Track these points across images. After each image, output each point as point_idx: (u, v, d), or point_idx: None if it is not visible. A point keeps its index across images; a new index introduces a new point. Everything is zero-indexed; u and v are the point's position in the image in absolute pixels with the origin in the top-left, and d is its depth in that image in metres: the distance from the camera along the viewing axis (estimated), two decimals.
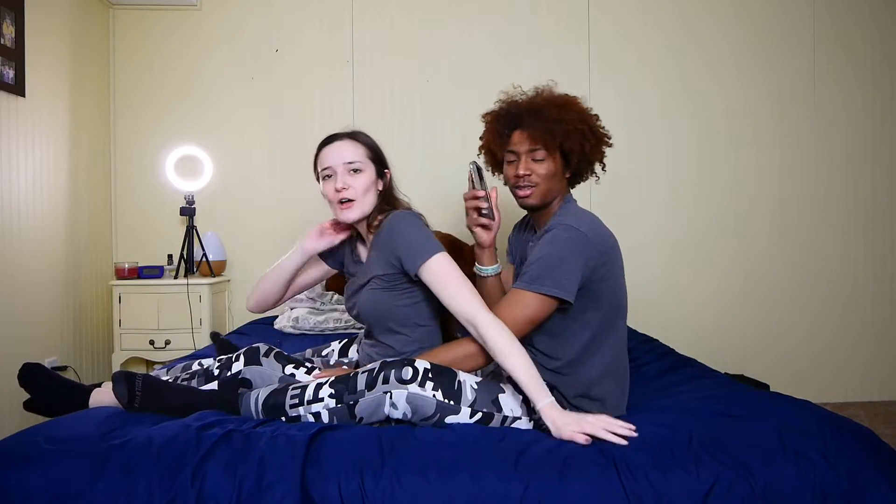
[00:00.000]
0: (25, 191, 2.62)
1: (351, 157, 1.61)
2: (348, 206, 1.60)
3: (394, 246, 1.55)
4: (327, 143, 1.66)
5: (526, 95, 1.71)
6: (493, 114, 1.74)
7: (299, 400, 1.41)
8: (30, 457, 1.24)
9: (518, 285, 1.50)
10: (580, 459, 1.21)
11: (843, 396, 3.29)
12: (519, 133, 1.63)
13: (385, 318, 1.62)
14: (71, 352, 2.93)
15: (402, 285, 1.59)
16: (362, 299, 1.63)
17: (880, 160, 3.33)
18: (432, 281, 1.50)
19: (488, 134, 1.73)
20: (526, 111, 1.64)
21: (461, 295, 1.47)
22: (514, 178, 1.64)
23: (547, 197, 1.64)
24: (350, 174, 1.61)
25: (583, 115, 1.63)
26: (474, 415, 1.41)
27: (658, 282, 3.30)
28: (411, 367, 1.38)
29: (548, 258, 1.48)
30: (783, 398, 1.58)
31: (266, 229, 3.35)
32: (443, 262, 1.51)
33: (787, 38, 3.32)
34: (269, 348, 1.68)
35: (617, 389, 1.59)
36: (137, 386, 1.46)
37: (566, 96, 1.66)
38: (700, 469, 1.18)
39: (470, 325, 1.44)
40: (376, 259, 1.60)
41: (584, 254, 1.49)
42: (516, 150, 1.63)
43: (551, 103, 1.62)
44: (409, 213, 1.62)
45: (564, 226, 1.52)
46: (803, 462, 1.19)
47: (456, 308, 1.47)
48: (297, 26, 3.33)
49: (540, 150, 1.60)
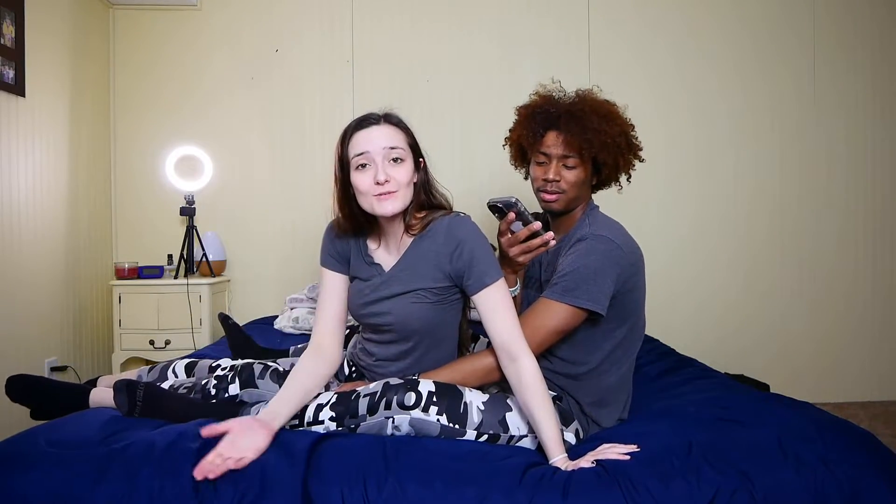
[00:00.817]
0: (25, 191, 2.62)
1: (392, 143, 1.40)
2: (389, 197, 1.38)
3: (461, 260, 1.41)
4: (362, 125, 1.43)
5: (566, 95, 1.63)
6: (529, 108, 1.65)
7: (299, 421, 1.38)
8: (31, 459, 1.24)
9: (550, 295, 1.46)
10: (584, 475, 1.21)
11: (842, 396, 3.29)
12: (555, 135, 1.57)
13: (433, 332, 1.50)
14: (71, 352, 2.93)
15: (451, 298, 1.48)
16: (402, 311, 1.46)
17: (880, 160, 3.33)
18: (489, 304, 1.39)
19: (521, 128, 1.65)
20: (566, 113, 1.56)
21: (511, 322, 1.39)
22: (542, 180, 1.59)
23: (572, 204, 1.60)
24: (391, 163, 1.39)
25: (623, 129, 1.59)
26: (480, 437, 1.36)
27: (658, 282, 3.28)
28: (414, 392, 1.33)
29: (582, 270, 1.44)
30: (783, 401, 1.58)
31: (266, 229, 3.35)
32: (503, 288, 1.42)
33: (787, 38, 3.32)
34: (264, 367, 1.52)
35: (627, 397, 1.60)
36: (139, 397, 1.44)
37: (610, 106, 1.61)
38: (701, 479, 1.17)
39: (506, 353, 1.37)
40: (422, 267, 1.45)
41: (619, 267, 1.47)
42: (549, 152, 1.57)
43: (595, 111, 1.55)
44: (472, 222, 1.46)
45: (600, 237, 1.49)
46: (803, 468, 1.19)
47: (501, 333, 1.38)
48: (297, 26, 3.33)
49: (573, 158, 1.55)
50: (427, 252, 1.45)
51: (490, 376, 1.45)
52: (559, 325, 1.45)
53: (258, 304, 3.34)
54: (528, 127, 1.61)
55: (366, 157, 1.39)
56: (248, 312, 3.31)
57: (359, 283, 1.54)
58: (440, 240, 1.43)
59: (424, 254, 1.45)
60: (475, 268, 1.40)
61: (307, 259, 3.31)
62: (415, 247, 1.47)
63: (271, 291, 3.35)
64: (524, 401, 1.34)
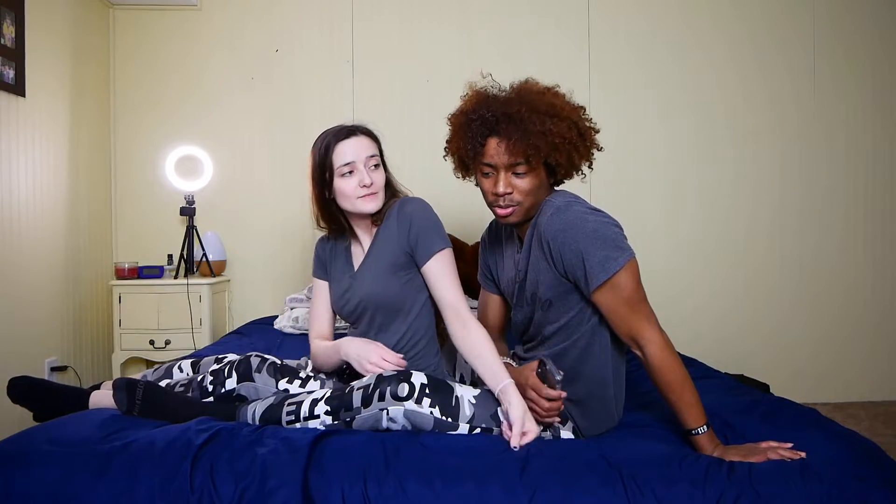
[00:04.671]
0: (25, 191, 2.62)
1: (372, 152, 1.63)
2: (372, 197, 1.61)
3: (411, 235, 1.58)
4: (343, 137, 1.62)
5: (500, 90, 1.48)
6: (461, 115, 1.50)
7: (295, 416, 1.41)
8: (31, 457, 1.24)
9: (599, 284, 1.35)
10: (586, 471, 1.21)
11: (842, 396, 3.29)
12: (496, 142, 1.41)
13: (385, 304, 1.62)
14: (71, 352, 2.93)
15: (408, 271, 1.62)
16: (362, 290, 1.64)
17: (880, 160, 3.33)
18: (436, 273, 1.57)
19: (457, 139, 1.50)
20: (503, 116, 1.40)
21: (458, 287, 1.57)
22: (492, 194, 1.45)
23: (531, 213, 1.46)
24: (372, 169, 1.62)
25: (572, 121, 1.41)
26: (473, 430, 1.39)
27: (658, 282, 3.28)
28: (407, 384, 1.36)
29: (586, 243, 1.35)
30: (787, 406, 1.57)
31: (266, 229, 3.35)
32: (448, 257, 1.59)
33: (787, 38, 3.32)
34: (262, 360, 1.62)
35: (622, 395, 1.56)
36: (138, 395, 1.46)
37: (551, 98, 1.44)
38: (706, 483, 1.16)
39: (457, 317, 1.51)
40: (384, 250, 1.63)
41: (609, 219, 1.41)
42: (493, 162, 1.42)
43: (534, 110, 1.38)
44: (418, 200, 1.66)
45: (559, 213, 1.39)
46: (809, 477, 1.17)
47: (450, 300, 1.54)
48: (297, 26, 3.33)
49: (522, 165, 1.40)
50: (388, 237, 1.63)
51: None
52: (638, 292, 1.37)
53: (258, 304, 3.34)
54: (465, 137, 1.45)
55: (351, 166, 1.59)
56: (248, 312, 3.31)
57: (336, 280, 1.74)
58: (393, 222, 1.63)
59: (385, 238, 1.64)
60: (421, 240, 1.58)
61: (307, 259, 3.31)
62: (377, 236, 1.67)
63: (271, 291, 3.35)
64: (470, 344, 1.48)
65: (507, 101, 1.44)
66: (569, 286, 1.43)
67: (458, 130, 1.51)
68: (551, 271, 1.42)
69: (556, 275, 1.42)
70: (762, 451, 1.26)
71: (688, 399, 1.34)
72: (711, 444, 1.31)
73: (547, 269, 1.43)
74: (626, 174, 3.27)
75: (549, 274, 1.43)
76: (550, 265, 1.42)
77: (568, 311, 1.45)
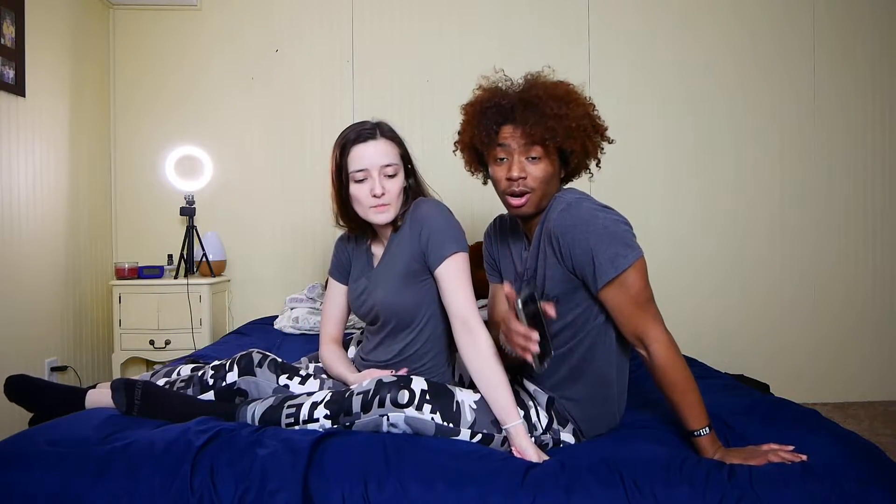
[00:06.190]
0: (25, 191, 2.62)
1: (388, 160, 1.55)
2: (384, 208, 1.55)
3: (423, 238, 1.52)
4: (360, 140, 1.55)
5: (514, 83, 1.49)
6: (476, 104, 1.49)
7: (294, 419, 1.39)
8: (31, 458, 1.24)
9: (607, 281, 1.34)
10: (587, 475, 1.20)
11: (843, 396, 3.29)
12: (511, 129, 1.42)
13: (399, 312, 1.58)
14: (71, 352, 2.93)
15: (422, 278, 1.57)
16: (379, 296, 1.59)
17: (880, 160, 3.33)
18: (447, 277, 1.48)
19: (471, 128, 1.49)
20: (519, 102, 1.41)
21: (469, 294, 1.48)
22: (505, 181, 1.44)
23: (542, 203, 1.46)
24: (386, 178, 1.55)
25: (586, 109, 1.44)
26: (474, 436, 1.37)
27: (658, 281, 3.27)
28: (407, 391, 1.35)
29: (596, 239, 1.34)
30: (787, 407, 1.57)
31: (266, 229, 3.35)
32: (461, 261, 1.51)
33: (787, 39, 3.32)
34: (263, 356, 1.60)
35: (623, 397, 1.55)
36: (137, 396, 1.46)
37: (566, 86, 1.46)
38: (707, 486, 1.16)
39: (464, 325, 1.44)
40: (399, 254, 1.58)
41: (609, 211, 1.40)
42: (508, 144, 1.42)
43: (551, 96, 1.40)
44: (433, 202, 1.60)
45: (570, 208, 1.38)
46: (810, 480, 1.17)
47: (459, 306, 1.46)
48: (297, 26, 3.33)
49: (537, 147, 1.41)
50: (402, 240, 1.59)
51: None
52: (645, 291, 1.36)
53: (258, 304, 3.34)
54: (480, 125, 1.45)
55: (365, 173, 1.54)
56: (248, 312, 3.31)
57: (355, 280, 1.71)
58: (408, 226, 1.58)
59: (400, 242, 1.60)
60: (432, 243, 1.52)
61: (307, 259, 3.31)
62: (391, 241, 1.63)
63: (271, 291, 3.35)
64: (479, 368, 1.39)
65: (523, 89, 1.46)
66: (576, 283, 1.42)
67: (471, 119, 1.51)
68: (559, 267, 1.42)
69: (564, 271, 1.42)
70: (763, 453, 1.26)
71: (691, 400, 1.33)
72: (713, 447, 1.31)
73: (555, 265, 1.43)
74: (626, 174, 3.27)
75: (558, 270, 1.43)
76: (559, 261, 1.42)
77: (574, 308, 1.44)
